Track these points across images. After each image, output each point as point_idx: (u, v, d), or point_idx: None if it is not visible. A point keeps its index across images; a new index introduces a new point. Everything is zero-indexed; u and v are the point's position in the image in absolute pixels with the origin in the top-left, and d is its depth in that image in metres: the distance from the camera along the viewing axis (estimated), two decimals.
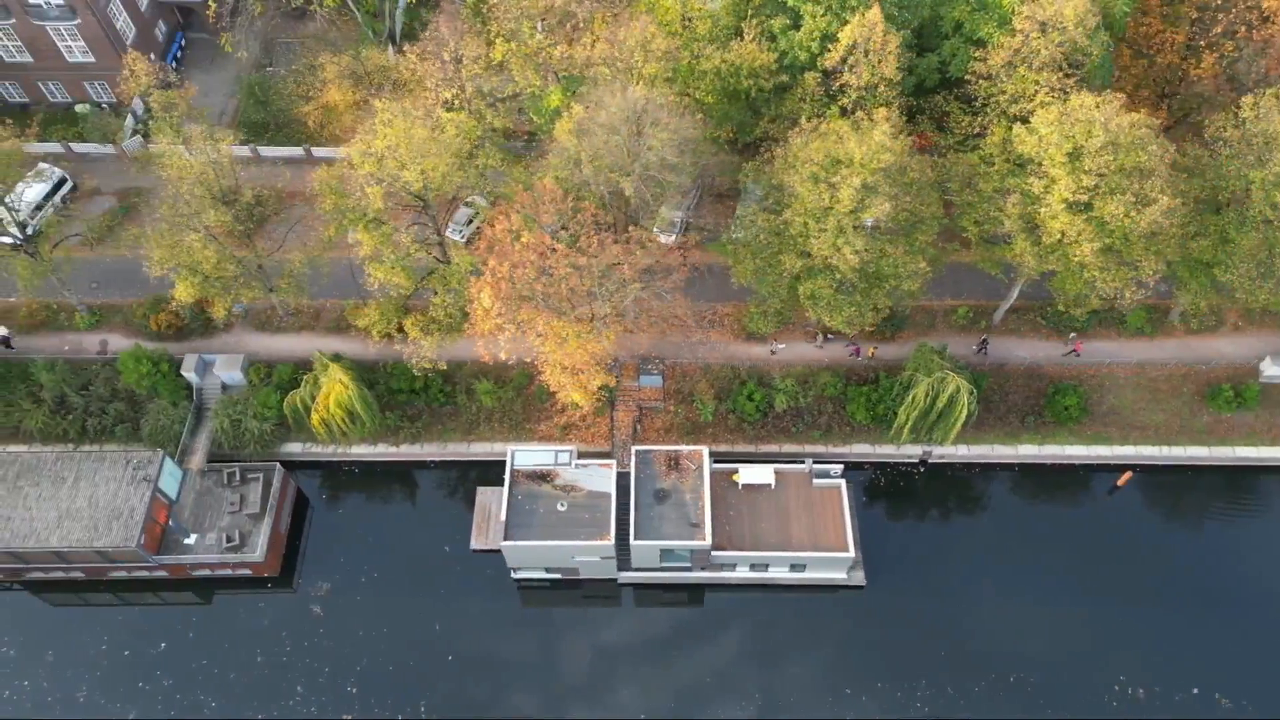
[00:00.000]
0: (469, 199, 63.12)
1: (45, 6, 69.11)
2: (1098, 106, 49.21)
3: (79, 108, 76.42)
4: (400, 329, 58.08)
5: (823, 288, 52.92)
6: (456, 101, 57.10)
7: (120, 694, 56.13)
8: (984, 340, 63.74)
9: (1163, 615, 58.04)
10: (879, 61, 54.75)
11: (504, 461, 63.72)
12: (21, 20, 69.91)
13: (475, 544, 61.28)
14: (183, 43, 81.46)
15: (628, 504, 57.01)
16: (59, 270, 59.86)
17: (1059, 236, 50.73)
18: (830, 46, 57.27)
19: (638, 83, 55.78)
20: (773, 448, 63.57)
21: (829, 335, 64.42)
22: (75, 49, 72.48)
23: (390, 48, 74.31)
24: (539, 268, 47.76)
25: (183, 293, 54.63)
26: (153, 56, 77.83)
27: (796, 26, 59.41)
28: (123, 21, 73.60)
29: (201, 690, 56.29)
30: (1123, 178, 48.69)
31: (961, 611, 58.72)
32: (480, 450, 64.22)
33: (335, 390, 58.44)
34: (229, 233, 55.59)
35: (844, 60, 56.05)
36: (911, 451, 63.59)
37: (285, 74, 77.26)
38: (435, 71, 57.38)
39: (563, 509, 56.61)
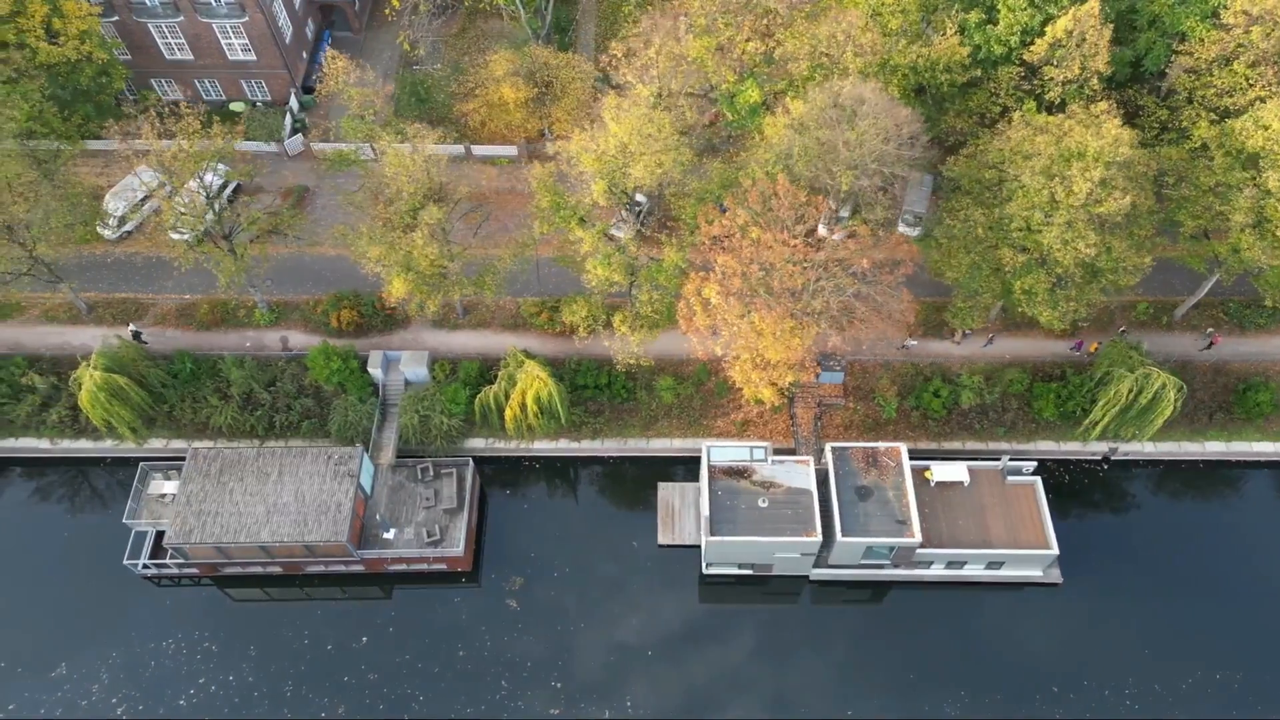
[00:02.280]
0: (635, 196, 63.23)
1: (214, 4, 69.51)
2: None
3: (234, 105, 76.90)
4: (606, 325, 58.03)
5: (1040, 283, 52.59)
6: (659, 99, 57.01)
7: (327, 688, 56.49)
8: (1210, 333, 63.66)
9: None
10: (1092, 55, 54.31)
11: (682, 458, 64.56)
12: (189, 18, 70.38)
13: (662, 539, 61.41)
14: (329, 41, 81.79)
15: (827, 501, 56.96)
16: (255, 268, 60.23)
17: None
18: (1030, 40, 57.00)
19: (839, 77, 55.73)
20: (956, 445, 63.26)
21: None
22: (237, 46, 72.90)
23: (539, 42, 74.35)
24: (768, 264, 47.62)
25: (397, 290, 54.82)
26: (304, 55, 78.94)
27: (990, 21, 59.07)
28: (283, 20, 74.03)
29: (407, 684, 56.62)
30: None
31: (1160, 609, 58.30)
32: (659, 446, 64.26)
33: (535, 386, 58.64)
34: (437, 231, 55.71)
35: (1051, 53, 55.69)
36: (1096, 448, 63.17)
37: (444, 70, 77.49)
38: (639, 69, 57.23)
39: (764, 505, 56.54)
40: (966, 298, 56.50)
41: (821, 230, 63.57)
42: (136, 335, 64.07)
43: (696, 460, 63.49)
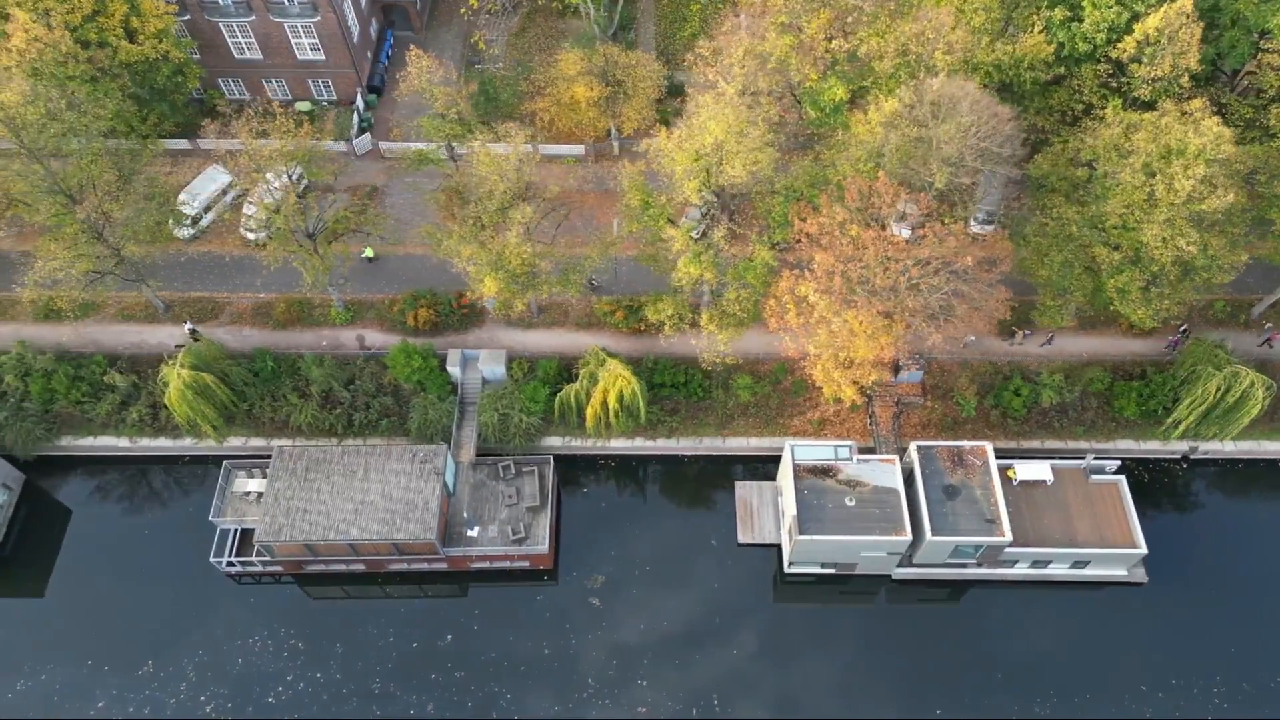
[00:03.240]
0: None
1: (287, 4, 69.70)
2: None
3: (299, 105, 77.04)
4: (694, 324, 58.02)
5: (1134, 281, 52.47)
6: (742, 97, 56.93)
7: (414, 685, 56.59)
8: (1269, 328, 63.49)
9: None
10: (1182, 52, 54.15)
11: (758, 457, 64.48)
12: (261, 17, 70.57)
13: (742, 538, 61.41)
14: (391, 41, 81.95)
15: (914, 499, 56.90)
16: (339, 266, 60.35)
17: None
18: (1116, 37, 56.85)
19: (926, 75, 55.67)
20: (1034, 444, 63.12)
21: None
22: (306, 46, 73.08)
23: (604, 41, 74.32)
24: (869, 261, 47.61)
25: (488, 289, 54.87)
26: (369, 54, 79.10)
27: (1075, 19, 58.92)
28: (351, 19, 74.18)
29: (494, 682, 56.69)
30: None
31: (1245, 607, 58.15)
32: (735, 445, 64.22)
33: (618, 385, 58.66)
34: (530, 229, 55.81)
35: (1140, 50, 55.54)
36: (1176, 447, 62.99)
37: (506, 69, 77.56)
38: (724, 68, 57.19)
39: (851, 504, 56.49)
40: (1055, 296, 56.36)
41: (894, 229, 63.72)
42: (193, 334, 64.25)
43: (772, 459, 63.53)
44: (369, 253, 67.32)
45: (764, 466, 64.02)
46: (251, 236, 68.60)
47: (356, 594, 60.12)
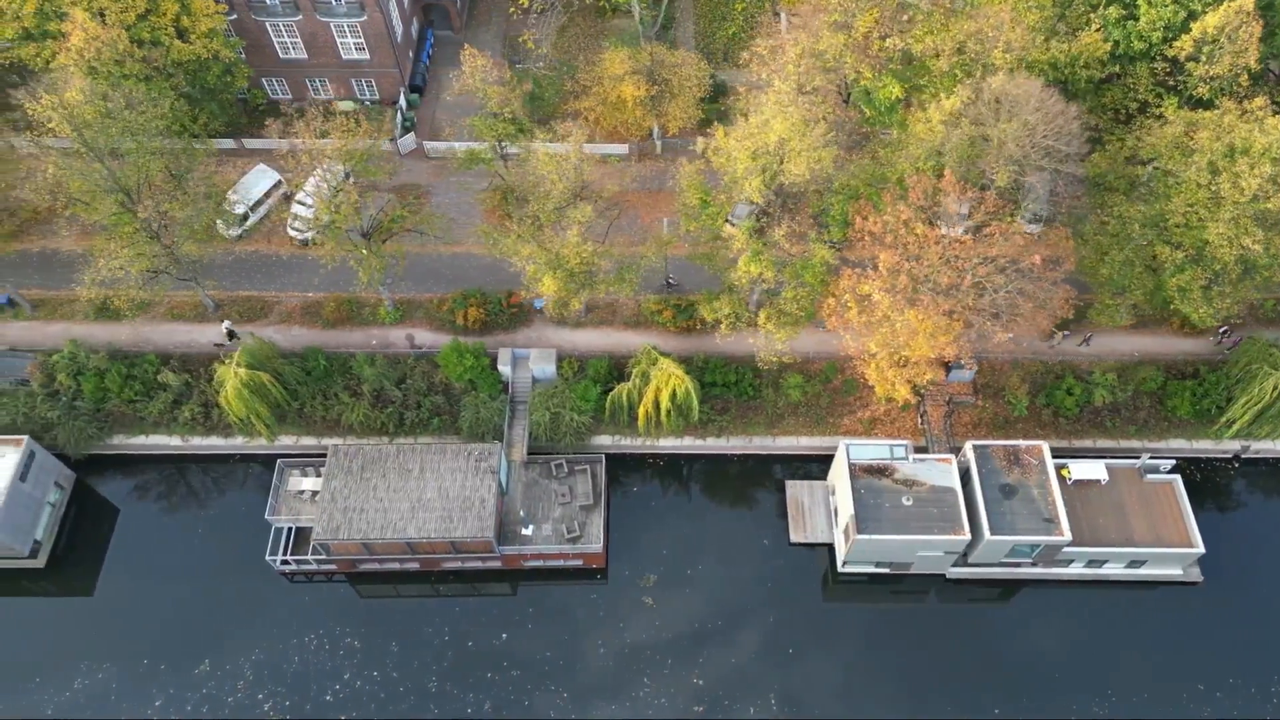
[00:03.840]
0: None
1: (334, 4, 69.74)
2: None
3: (342, 104, 77.03)
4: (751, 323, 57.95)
5: (1195, 280, 52.40)
6: (799, 95, 56.93)
7: (471, 684, 56.60)
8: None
9: None
10: (1242, 51, 54.06)
11: (808, 456, 64.39)
12: (308, 17, 70.61)
13: (794, 537, 61.39)
14: (432, 40, 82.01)
15: (971, 499, 56.83)
16: (394, 265, 60.40)
17: None
18: (1173, 36, 56.77)
19: (983, 73, 55.65)
20: (1086, 443, 63.03)
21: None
22: (351, 45, 73.13)
23: (647, 40, 74.36)
24: (936, 260, 47.58)
25: (547, 288, 54.87)
26: (410, 54, 79.15)
27: (1131, 17, 58.85)
28: (395, 19, 74.23)
29: (551, 681, 56.71)
30: None
31: None
32: (785, 444, 64.19)
33: (672, 383, 58.63)
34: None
35: (1198, 49, 55.47)
36: (1228, 447, 62.89)
37: (546, 68, 77.55)
38: (777, 67, 57.17)
39: (908, 504, 56.45)
40: (1114, 294, 56.28)
41: (942, 228, 63.66)
42: (230, 334, 64.33)
43: (822, 458, 63.49)
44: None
45: (814, 466, 63.96)
46: (298, 236, 68.77)
47: (409, 592, 60.16)
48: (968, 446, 58.12)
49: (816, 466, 63.84)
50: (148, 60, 60.43)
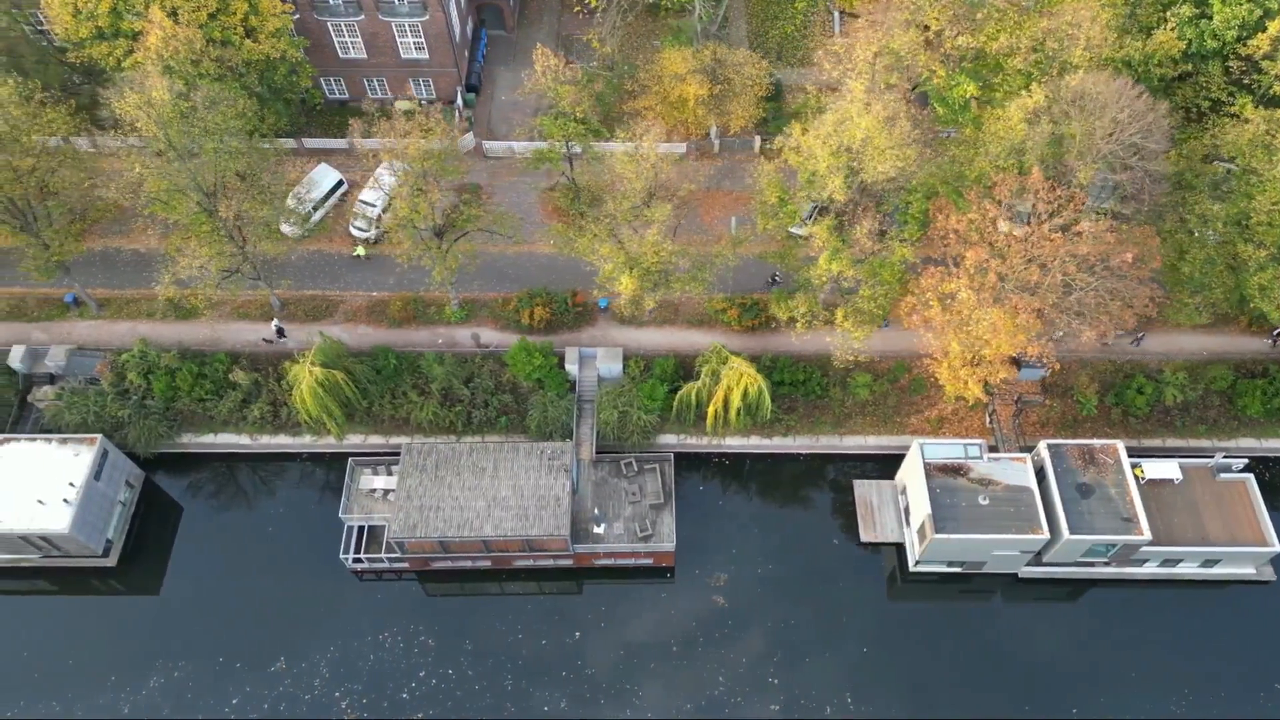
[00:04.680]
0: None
1: (396, 3, 69.85)
2: None
3: (399, 104, 77.08)
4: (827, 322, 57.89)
5: (1277, 279, 52.26)
6: (879, 93, 56.87)
7: (545, 682, 56.64)
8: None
9: None
10: None
11: (876, 455, 64.26)
12: (370, 17, 70.73)
13: (865, 536, 61.32)
14: (486, 39, 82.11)
15: (1047, 498, 56.68)
16: (467, 265, 60.45)
17: None
18: (1247, 34, 56.65)
19: (1060, 72, 55.58)
20: (1155, 442, 62.88)
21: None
22: (411, 45, 73.26)
23: (703, 39, 74.34)
24: (1027, 258, 47.51)
25: (625, 287, 54.88)
26: (466, 53, 79.26)
27: (1204, 15, 58.74)
28: (454, 18, 74.35)
29: (625, 680, 56.72)
30: None
31: None
32: (852, 444, 64.11)
33: (744, 382, 58.61)
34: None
35: (1276, 47, 55.31)
36: None
37: (599, 68, 77.54)
38: (850, 66, 57.12)
39: (984, 503, 56.34)
40: (1192, 292, 56.14)
41: (1003, 226, 63.56)
42: (280, 331, 64.45)
43: (888, 458, 63.43)
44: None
45: (880, 465, 63.83)
46: (360, 235, 68.92)
47: (478, 590, 60.22)
48: (1042, 445, 57.99)
49: (883, 465, 63.68)
50: (221, 60, 60.56)
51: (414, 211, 53.76)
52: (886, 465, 63.50)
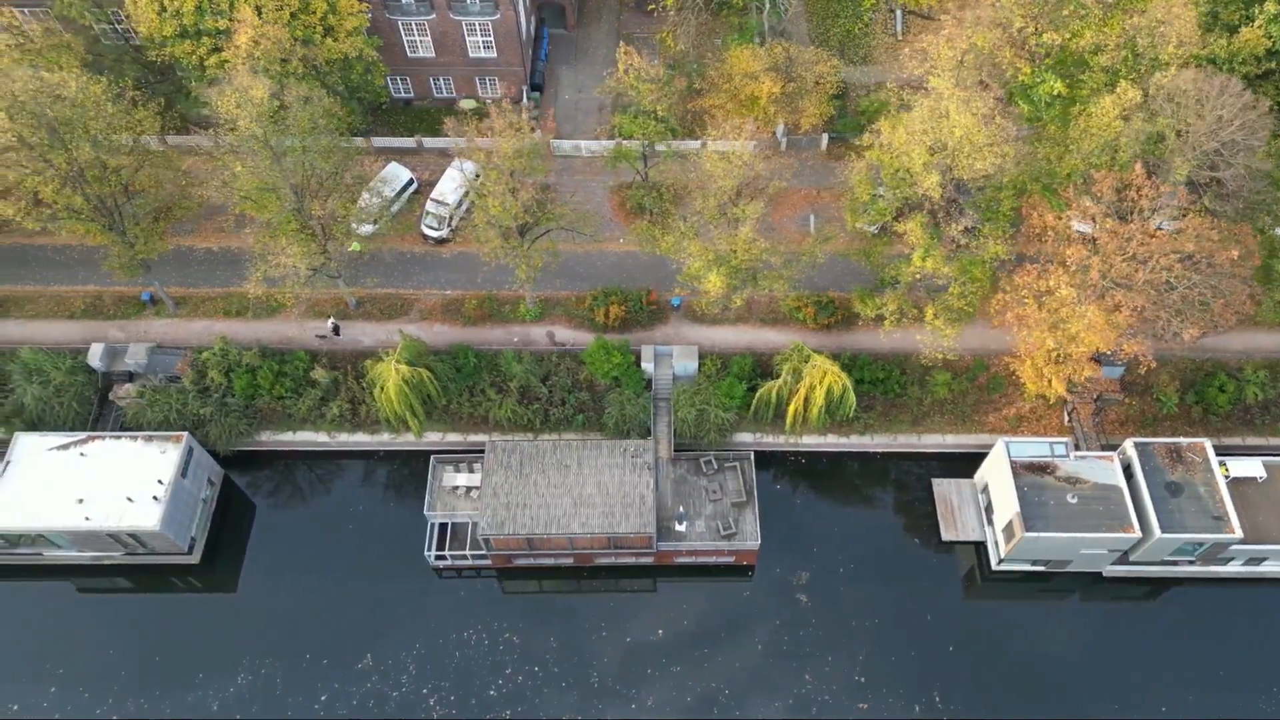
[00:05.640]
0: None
1: (469, 2, 69.95)
2: None
3: (464, 103, 77.32)
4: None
5: None
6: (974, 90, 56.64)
7: (631, 678, 56.68)
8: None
9: None
10: None
11: (953, 454, 64.08)
12: (441, 15, 70.82)
13: (945, 535, 61.18)
14: (548, 38, 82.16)
15: (1136, 496, 56.45)
16: (550, 263, 60.50)
17: None
18: None
19: (1150, 69, 55.34)
20: (1235, 440, 62.62)
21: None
22: (480, 44, 73.34)
23: (766, 38, 74.28)
24: (1109, 255, 47.35)
25: (713, 285, 54.88)
26: (531, 52, 79.28)
27: None
28: (523, 17, 74.41)
29: (711, 679, 56.68)
30: None
31: None
32: (930, 442, 64.00)
33: (828, 381, 58.51)
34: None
35: None
36: None
37: (659, 67, 77.52)
38: (934, 63, 56.95)
39: (1073, 501, 56.15)
40: None
41: (1077, 225, 63.35)
42: (335, 329, 64.57)
43: (966, 456, 63.25)
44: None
45: (958, 463, 63.62)
46: (432, 234, 69.06)
47: (558, 588, 60.31)
48: (1128, 444, 57.77)
49: (960, 464, 63.43)
50: (307, 59, 60.73)
51: (504, 210, 53.77)
52: (963, 464, 63.29)
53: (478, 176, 57.67)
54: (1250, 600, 58.80)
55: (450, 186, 69.46)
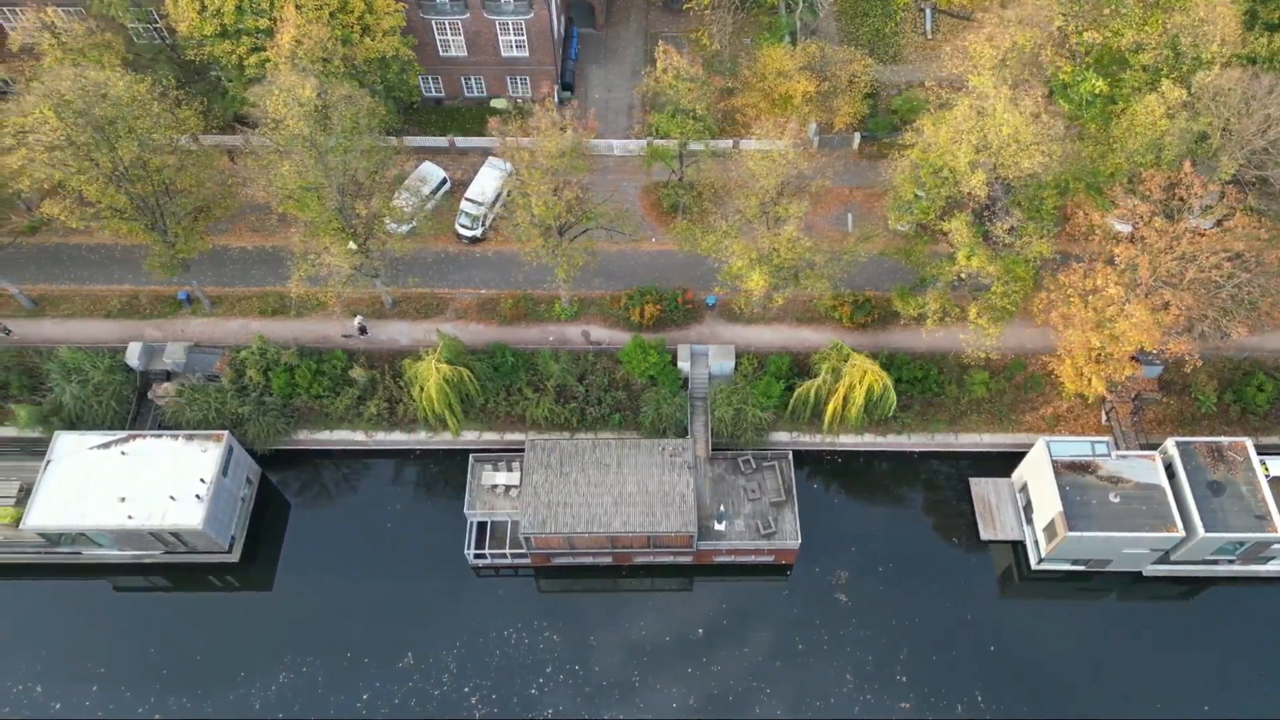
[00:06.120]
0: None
1: (502, 2, 70.00)
2: None
3: (495, 102, 77.31)
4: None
5: None
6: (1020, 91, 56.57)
7: (671, 677, 56.70)
8: None
9: None
10: None
11: (991, 453, 63.95)
12: (475, 14, 70.89)
13: (984, 534, 61.11)
14: (578, 37, 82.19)
15: (1179, 495, 56.33)
16: (590, 261, 60.48)
17: None
18: None
19: (1190, 66, 55.25)
20: (1274, 439, 62.46)
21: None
22: (512, 43, 73.40)
23: (797, 38, 74.23)
24: (1185, 255, 47.27)
25: (755, 284, 54.87)
26: (561, 51, 79.29)
27: None
28: (555, 15, 74.44)
29: (752, 678, 56.68)
30: None
31: None
32: (967, 441, 63.90)
33: (868, 380, 58.45)
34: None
35: None
36: None
37: (711, 64, 77.41)
38: (974, 62, 56.87)
39: (1116, 500, 56.05)
40: None
41: (1115, 225, 63.24)
42: (362, 329, 64.62)
43: (1003, 456, 63.16)
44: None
45: (996, 463, 63.50)
46: (466, 233, 69.13)
47: (596, 587, 60.35)
48: (1169, 443, 57.67)
49: (998, 463, 63.31)
50: (347, 59, 60.80)
51: (548, 209, 53.80)
52: (1000, 463, 63.20)
53: (513, 175, 57.73)
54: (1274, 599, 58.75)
55: (485, 185, 69.54)
